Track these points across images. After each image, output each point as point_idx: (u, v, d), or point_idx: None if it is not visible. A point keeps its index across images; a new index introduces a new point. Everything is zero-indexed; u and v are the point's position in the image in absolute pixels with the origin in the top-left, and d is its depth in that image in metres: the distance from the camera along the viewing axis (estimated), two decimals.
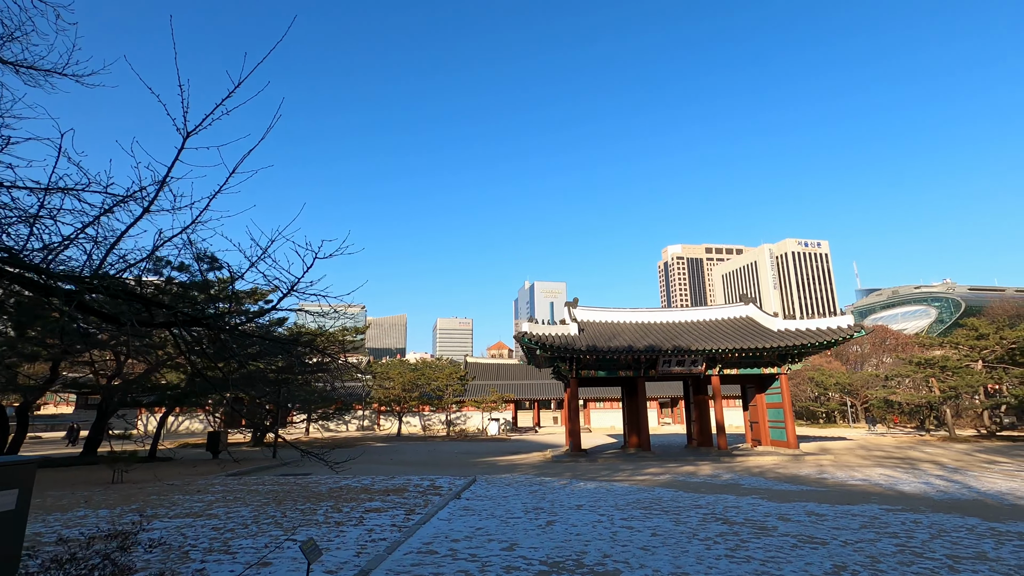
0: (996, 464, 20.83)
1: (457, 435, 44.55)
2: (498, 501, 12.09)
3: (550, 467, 21.71)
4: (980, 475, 16.83)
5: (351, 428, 58.92)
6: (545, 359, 27.81)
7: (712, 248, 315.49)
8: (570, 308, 29.23)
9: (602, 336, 26.82)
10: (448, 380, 44.80)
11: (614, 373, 26.84)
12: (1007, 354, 35.02)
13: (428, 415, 58.47)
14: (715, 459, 23.80)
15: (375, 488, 13.98)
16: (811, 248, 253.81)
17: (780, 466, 20.62)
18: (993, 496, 12.00)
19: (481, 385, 59.46)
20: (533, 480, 16.74)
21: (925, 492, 12.73)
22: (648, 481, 16.22)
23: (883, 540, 7.77)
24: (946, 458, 23.60)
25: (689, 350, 24.73)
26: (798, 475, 17.50)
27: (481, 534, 8.51)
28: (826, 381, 54.22)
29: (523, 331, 25.06)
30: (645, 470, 19.77)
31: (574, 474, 18.76)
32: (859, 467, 19.99)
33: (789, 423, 26.08)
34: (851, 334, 24.92)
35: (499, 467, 22.04)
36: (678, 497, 12.59)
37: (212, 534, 8.40)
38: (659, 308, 30.48)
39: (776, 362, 26.61)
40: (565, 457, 25.46)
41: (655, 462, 23.11)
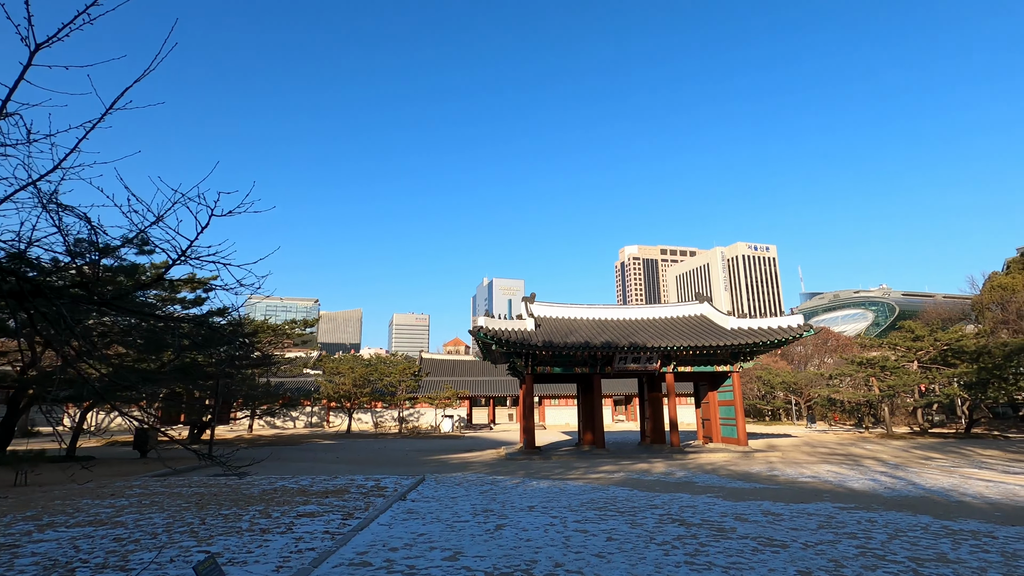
0: (932, 460, 21.58)
1: (410, 432, 43.43)
2: (446, 503, 11.37)
3: (503, 465, 21.11)
4: (920, 471, 17.26)
5: (299, 425, 56.73)
6: (501, 355, 27.18)
7: (667, 250, 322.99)
8: (527, 303, 28.70)
9: (559, 332, 26.41)
10: (401, 376, 43.58)
11: (570, 370, 26.48)
12: (939, 355, 36.76)
13: (380, 412, 56.95)
14: (668, 456, 23.77)
15: (313, 490, 12.98)
16: (760, 252, 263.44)
17: (731, 463, 20.70)
18: (938, 493, 12.13)
19: (436, 381, 58.39)
20: (485, 479, 16.07)
21: (874, 489, 12.79)
22: (602, 479, 15.83)
23: (843, 542, 7.49)
24: (886, 454, 24.37)
25: (645, 347, 24.62)
26: (750, 472, 17.51)
27: (423, 541, 7.77)
28: (773, 380, 55.89)
29: (479, 326, 24.34)
30: (599, 468, 19.44)
31: (527, 472, 18.22)
32: (807, 464, 20.27)
33: (740, 421, 26.39)
34: (801, 333, 25.40)
35: (451, 465, 21.28)
36: (633, 496, 12.19)
37: (111, 546, 7.34)
38: (616, 305, 30.36)
39: (729, 360, 26.88)
40: (519, 455, 24.93)
41: (609, 459, 22.86)
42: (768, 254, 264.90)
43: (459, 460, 23.71)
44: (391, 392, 45.03)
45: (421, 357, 72.61)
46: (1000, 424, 41.17)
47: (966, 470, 17.64)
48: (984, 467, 18.71)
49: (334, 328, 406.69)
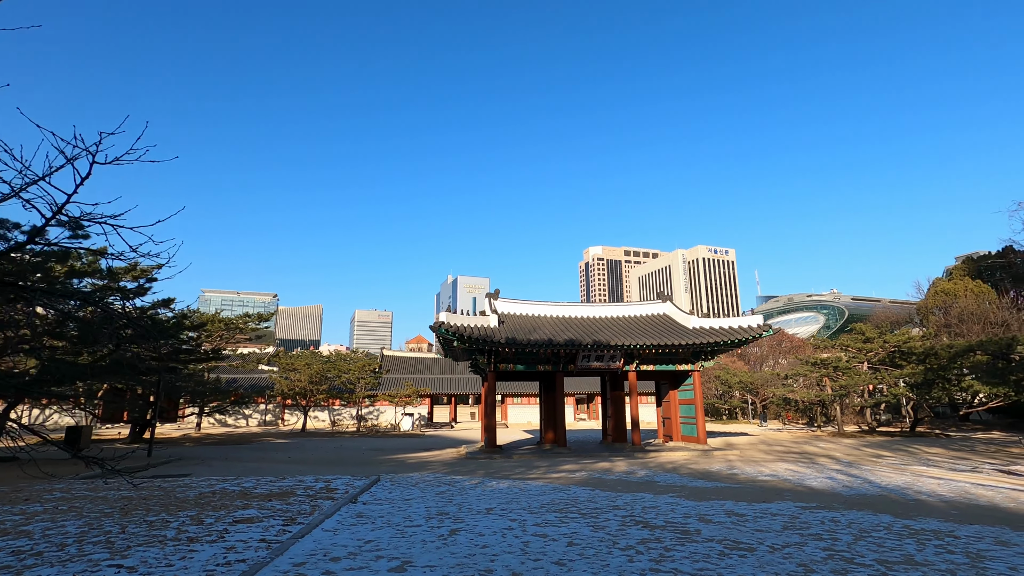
0: (882, 458, 22.14)
1: (368, 431, 42.27)
2: (399, 505, 10.73)
3: (463, 465, 20.52)
4: (873, 469, 17.57)
5: (252, 423, 54.65)
6: (463, 352, 26.57)
7: (631, 251, 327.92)
8: (491, 299, 28.17)
9: (522, 329, 25.98)
10: (360, 372, 42.38)
11: (533, 367, 26.10)
12: (888, 357, 38.08)
13: (338, 410, 55.43)
14: (629, 455, 23.66)
15: (257, 492, 12.11)
16: (720, 255, 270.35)
17: (692, 462, 20.70)
18: (895, 491, 12.22)
19: (397, 379, 57.21)
20: (443, 479, 15.47)
21: (833, 488, 12.81)
22: (564, 479, 15.46)
23: (810, 544, 7.25)
24: (839, 452, 24.92)
25: (609, 345, 24.44)
26: (710, 471, 17.46)
27: (370, 549, 7.14)
28: (730, 380, 57.06)
29: (440, 321, 23.66)
30: (561, 467, 19.09)
31: (487, 472, 17.69)
32: (765, 462, 20.44)
33: (700, 419, 26.55)
34: (760, 333, 25.72)
35: (408, 465, 20.55)
36: (595, 497, 11.82)
37: (7, 560, 6.43)
38: (579, 303, 30.16)
39: (690, 359, 27.00)
40: (480, 454, 24.39)
41: (571, 458, 22.57)
42: (727, 257, 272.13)
43: (418, 459, 22.99)
44: (349, 389, 43.76)
45: (382, 354, 71.17)
46: (941, 423, 43.04)
47: (916, 468, 18.07)
48: (932, 465, 19.23)
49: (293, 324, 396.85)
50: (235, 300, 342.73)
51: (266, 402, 54.28)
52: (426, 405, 57.33)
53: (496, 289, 29.07)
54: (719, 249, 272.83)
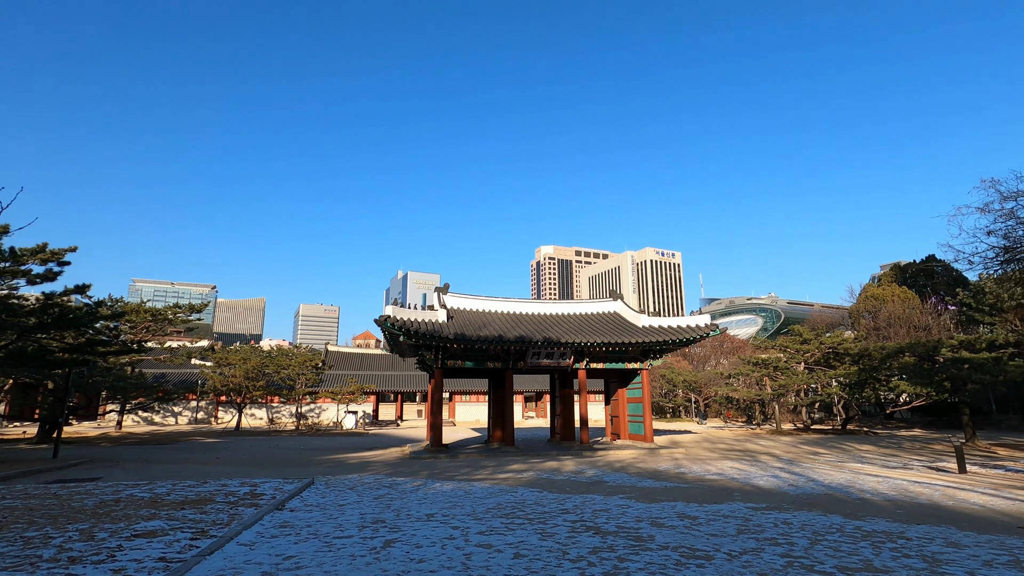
0: (820, 455, 22.78)
1: (308, 429, 40.39)
2: (331, 512, 9.80)
3: (406, 465, 19.59)
4: (814, 467, 17.90)
5: (182, 421, 51.42)
6: (409, 347, 25.57)
7: (581, 251, 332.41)
8: (440, 294, 27.29)
9: (471, 325, 25.25)
10: (301, 368, 40.43)
11: (482, 364, 25.41)
12: (823, 357, 39.72)
13: (277, 407, 53.01)
14: (578, 453, 23.38)
15: (169, 499, 10.85)
16: (667, 258, 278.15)
17: (640, 460, 20.58)
18: (839, 490, 12.28)
19: (341, 375, 55.21)
20: (383, 481, 14.55)
21: (779, 487, 12.78)
22: (511, 480, 14.86)
23: (767, 550, 6.91)
24: (778, 450, 25.55)
25: (560, 342, 24.06)
26: (658, 470, 17.31)
27: (288, 567, 6.25)
28: (675, 379, 58.29)
29: (386, 315, 22.60)
30: (508, 467, 18.50)
31: (431, 473, 16.88)
32: (710, 460, 20.57)
33: (647, 418, 26.62)
34: (707, 332, 26.02)
35: (348, 466, 19.43)
36: (543, 499, 11.26)
37: None
38: (530, 300, 29.71)
39: (640, 357, 27.03)
40: (425, 453, 23.50)
41: (519, 457, 22.04)
42: (674, 260, 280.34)
43: (358, 459, 21.86)
44: (289, 386, 41.70)
45: (326, 350, 68.67)
46: (869, 421, 45.38)
47: (852, 465, 18.56)
48: (866, 462, 19.85)
49: (233, 317, 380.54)
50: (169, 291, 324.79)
51: (198, 399, 51.18)
52: (371, 402, 55.65)
53: (446, 283, 28.21)
54: (666, 252, 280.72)
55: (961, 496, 11.30)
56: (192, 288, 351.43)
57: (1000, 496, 11.35)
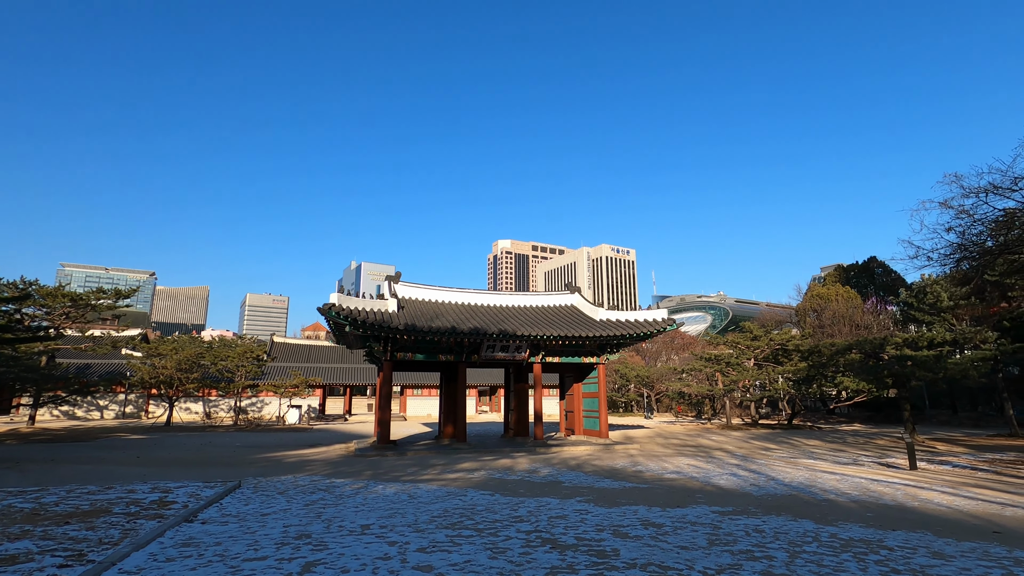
0: (771, 451, 22.80)
1: (248, 425, 38.05)
2: (251, 524, 8.50)
3: (349, 464, 18.22)
4: (769, 463, 17.67)
5: (108, 415, 47.72)
6: (356, 338, 24.07)
7: (538, 246, 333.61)
8: (391, 282, 25.84)
9: (423, 315, 23.99)
10: (240, 359, 37.97)
11: (434, 357, 24.21)
12: (772, 354, 40.49)
13: (215, 401, 49.94)
14: (531, 450, 22.58)
15: (54, 511, 9.24)
16: (622, 255, 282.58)
17: (595, 457, 19.94)
18: (802, 490, 11.86)
19: (287, 367, 52.54)
20: (320, 484, 13.22)
21: (741, 487, 12.26)
22: (460, 481, 13.81)
23: (744, 567, 6.15)
24: (731, 446, 25.53)
25: (516, 335, 23.13)
26: (615, 468, 16.66)
27: None
28: (628, 373, 58.56)
29: (331, 303, 21.06)
30: (459, 465, 17.45)
31: (375, 473, 15.63)
32: (666, 457, 20.16)
33: (603, 413, 26.10)
34: (665, 327, 25.68)
35: (284, 465, 17.90)
36: (494, 504, 10.28)
37: None
38: (486, 291, 28.63)
39: (596, 351, 26.46)
40: (370, 450, 22.14)
41: (470, 455, 21.03)
42: (629, 257, 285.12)
43: (297, 458, 20.30)
44: (227, 378, 39.14)
45: (272, 341, 65.55)
46: (812, 416, 46.75)
47: (805, 461, 18.49)
48: (817, 457, 19.89)
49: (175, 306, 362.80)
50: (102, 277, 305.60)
51: (127, 392, 47.62)
52: (317, 396, 53.30)
53: (397, 272, 26.79)
54: (621, 249, 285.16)
55: (924, 496, 11.05)
56: (128, 274, 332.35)
57: (961, 495, 11.17)
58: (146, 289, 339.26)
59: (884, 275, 54.80)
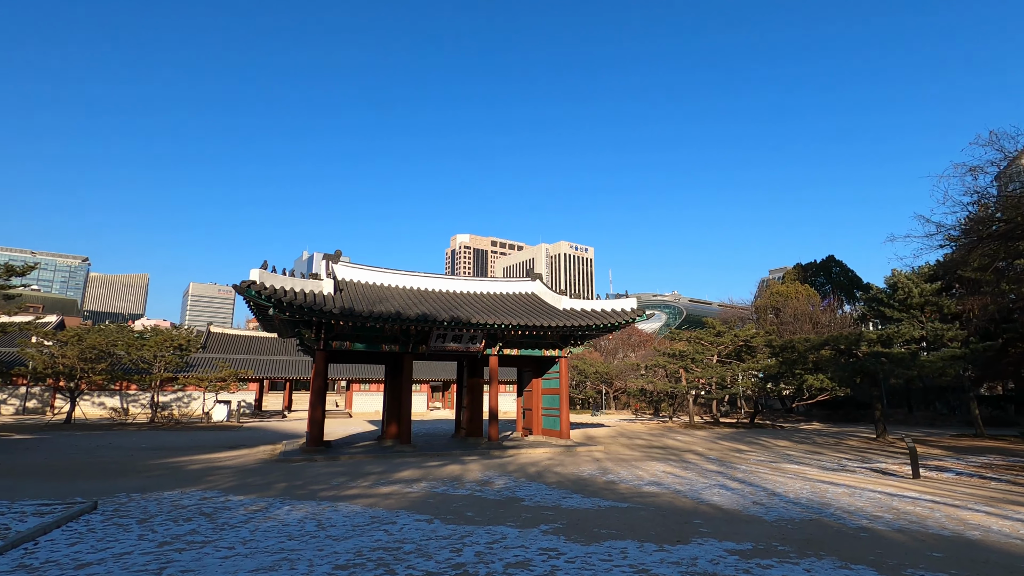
0: (744, 453, 20.94)
1: (166, 422, 33.80)
2: None
3: (264, 473, 15.05)
4: (753, 470, 15.61)
5: (7, 410, 42.14)
6: (285, 324, 20.75)
7: (497, 242, 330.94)
8: (329, 261, 22.58)
9: (365, 299, 20.92)
10: (158, 348, 33.62)
11: (376, 347, 21.16)
12: (735, 351, 39.27)
13: (135, 395, 44.98)
14: (485, 453, 19.91)
15: None
16: (580, 252, 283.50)
17: (557, 462, 17.44)
18: (820, 511, 9.63)
19: (221, 359, 47.94)
20: (207, 505, 10.13)
21: (743, 506, 9.94)
22: (394, 498, 10.97)
23: None
24: (700, 447, 23.62)
25: (469, 323, 20.36)
26: (582, 477, 14.18)
27: None
28: (587, 370, 56.61)
29: (251, 280, 17.73)
30: (397, 474, 14.58)
31: (291, 486, 12.59)
32: (635, 461, 17.89)
33: (564, 411, 23.69)
34: (634, 317, 23.49)
35: (182, 475, 14.57)
36: (430, 541, 7.54)
37: None
38: (438, 275, 25.71)
39: (559, 344, 24.02)
40: (297, 454, 18.96)
41: (414, 459, 18.18)
42: (587, 255, 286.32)
43: (204, 464, 16.93)
44: (143, 369, 34.69)
45: (209, 331, 60.44)
46: (771, 415, 46.00)
47: (788, 466, 16.55)
48: (798, 461, 18.05)
49: (110, 294, 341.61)
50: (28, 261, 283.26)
51: (29, 384, 42.15)
52: (253, 391, 49.00)
53: (337, 250, 23.53)
54: (580, 246, 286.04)
55: (967, 517, 9.00)
56: (58, 259, 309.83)
57: (1008, 516, 9.18)
58: (78, 275, 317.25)
59: (841, 274, 54.93)
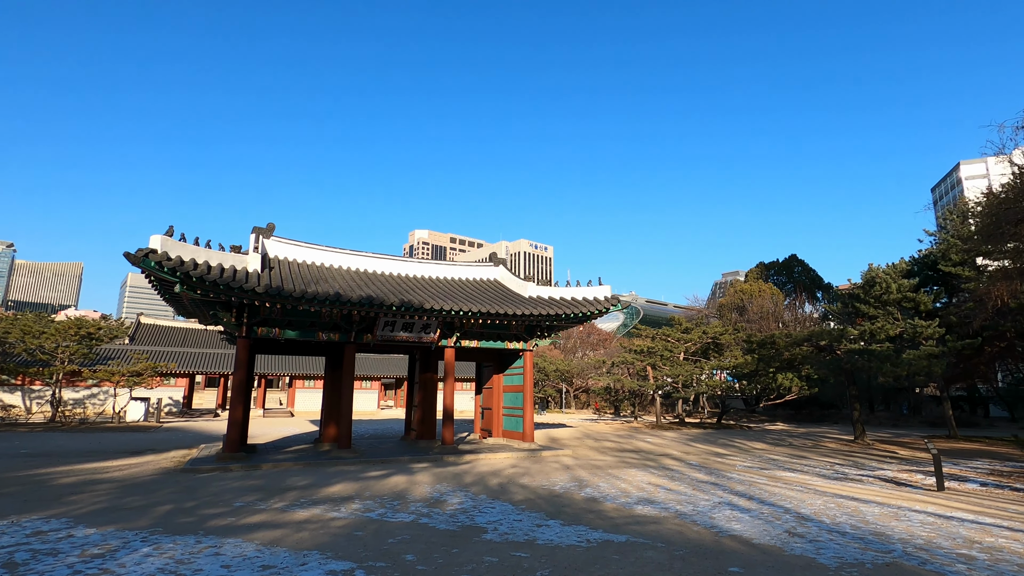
0: (727, 459, 18.96)
1: (67, 422, 29.32)
2: None
3: (152, 488, 11.80)
4: (752, 481, 13.45)
5: None
6: (197, 305, 17.32)
7: (456, 238, 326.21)
8: (260, 235, 19.24)
9: (300, 280, 17.77)
10: (61, 338, 29.11)
11: (311, 335, 18.03)
12: (702, 349, 37.75)
13: (41, 391, 39.75)
14: (437, 460, 17.12)
15: None
16: (540, 251, 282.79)
17: (523, 471, 14.84)
18: (896, 551, 7.36)
19: (153, 351, 42.97)
20: (28, 547, 7.03)
21: (776, 537, 7.60)
22: (311, 528, 8.09)
23: None
24: (675, 450, 21.58)
25: (422, 308, 17.50)
26: (555, 492, 11.62)
27: None
28: (547, 367, 54.35)
29: (149, 248, 14.35)
30: (326, 489, 11.63)
31: (177, 509, 9.51)
32: (612, 469, 15.52)
33: (528, 411, 21.12)
34: (608, 307, 21.16)
35: (40, 492, 11.20)
36: None
37: None
38: (390, 255, 22.68)
39: (523, 335, 21.45)
40: (210, 461, 15.70)
41: (352, 467, 15.23)
42: (546, 254, 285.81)
43: (81, 476, 13.48)
44: (43, 362, 30.06)
45: (139, 321, 55.10)
46: (735, 415, 44.90)
47: (786, 475, 14.52)
48: (790, 468, 16.12)
49: (38, 283, 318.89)
50: None
51: None
52: (182, 387, 44.33)
53: (269, 223, 20.18)
54: (540, 245, 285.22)
55: None
56: None
57: None
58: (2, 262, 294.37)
59: (803, 273, 54.73)
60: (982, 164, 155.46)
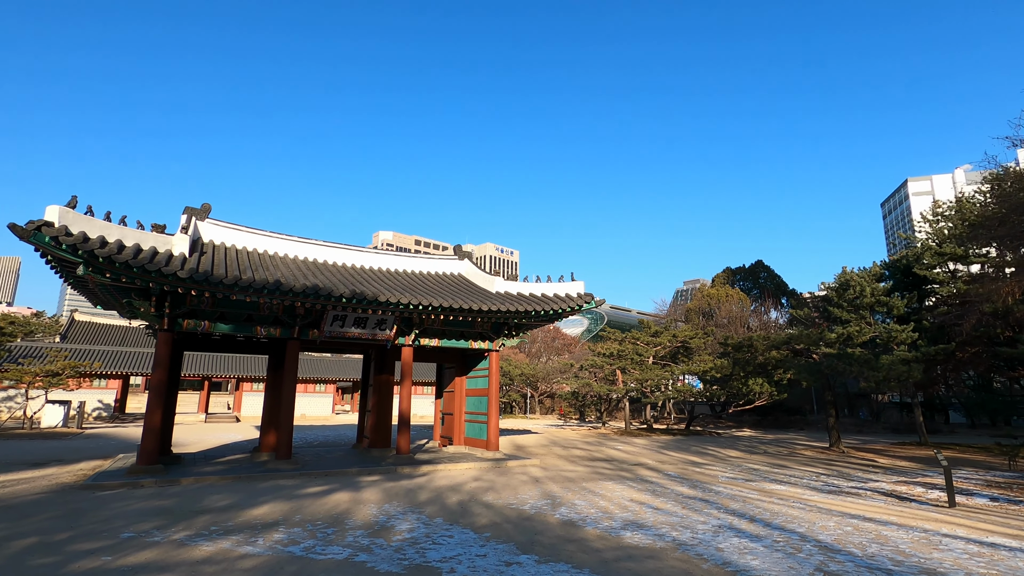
0: (704, 468, 17.68)
1: None
2: None
3: (27, 512, 9.49)
4: (745, 497, 12.05)
5: None
6: (108, 290, 14.86)
7: (421, 241, 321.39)
8: (193, 216, 16.93)
9: (238, 267, 15.56)
10: None
11: (247, 329, 15.79)
12: (671, 353, 36.80)
13: None
14: (390, 471, 15.15)
15: None
16: (506, 255, 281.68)
17: (487, 486, 13.05)
18: None
19: (83, 350, 39.16)
20: None
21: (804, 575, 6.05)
22: (208, 573, 6.12)
23: None
24: (649, 459, 20.19)
25: (376, 301, 15.54)
26: (525, 513, 9.89)
27: None
28: (512, 372, 52.69)
29: (43, 220, 11.93)
30: (248, 511, 9.57)
31: (40, 543, 7.36)
32: (586, 483, 13.91)
33: (493, 417, 19.33)
34: (581, 304, 19.63)
35: None
36: None
37: None
38: (343, 244, 20.58)
39: (489, 334, 19.70)
40: (118, 477, 13.31)
41: (289, 482, 13.13)
42: (512, 258, 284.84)
43: None
44: None
45: (72, 318, 50.67)
46: (701, 421, 44.20)
47: (778, 489, 13.22)
48: (776, 480, 14.88)
49: None
50: None
51: None
52: (114, 390, 40.60)
53: (204, 203, 17.86)
54: (506, 249, 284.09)
55: None
56: None
57: None
58: None
59: (769, 279, 54.84)
60: (927, 181, 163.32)
